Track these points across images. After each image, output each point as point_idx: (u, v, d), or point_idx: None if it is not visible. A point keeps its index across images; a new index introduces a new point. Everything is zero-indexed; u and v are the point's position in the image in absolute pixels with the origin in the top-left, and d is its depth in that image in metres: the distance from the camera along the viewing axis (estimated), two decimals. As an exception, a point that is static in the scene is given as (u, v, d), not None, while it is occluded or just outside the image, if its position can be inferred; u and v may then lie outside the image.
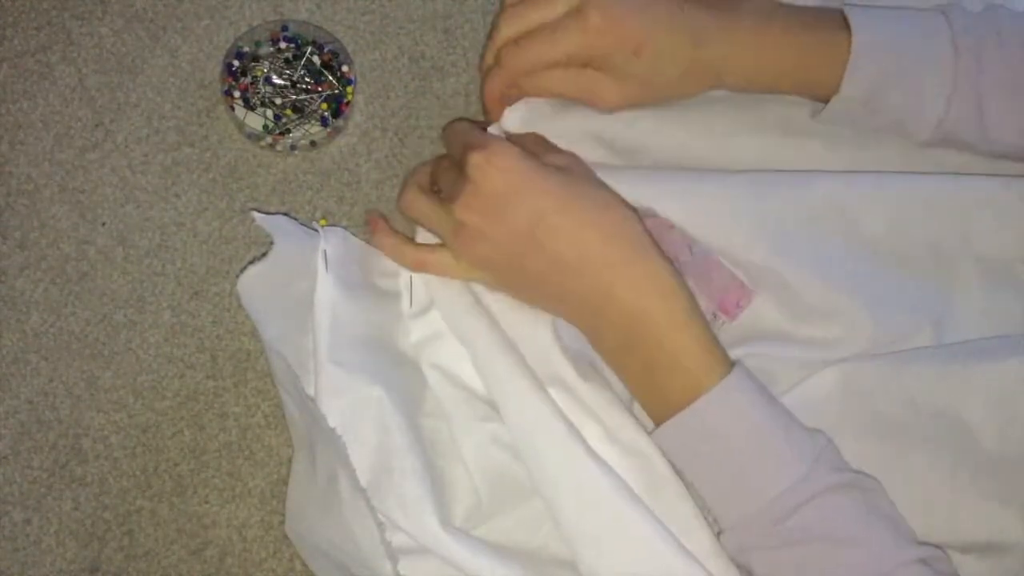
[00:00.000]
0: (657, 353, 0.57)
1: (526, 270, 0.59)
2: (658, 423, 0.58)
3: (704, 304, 0.61)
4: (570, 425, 0.59)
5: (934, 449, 0.59)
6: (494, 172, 0.58)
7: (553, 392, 0.60)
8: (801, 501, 0.54)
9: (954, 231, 0.63)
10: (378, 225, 0.66)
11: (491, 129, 0.67)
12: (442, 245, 0.63)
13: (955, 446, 0.59)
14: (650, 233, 0.60)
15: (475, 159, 0.58)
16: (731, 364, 0.58)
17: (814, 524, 0.54)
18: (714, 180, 0.64)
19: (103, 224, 0.72)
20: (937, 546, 0.56)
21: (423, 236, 0.66)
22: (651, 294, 0.58)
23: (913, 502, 0.57)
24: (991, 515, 0.58)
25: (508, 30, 0.65)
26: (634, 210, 0.60)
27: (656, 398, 0.59)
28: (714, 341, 0.58)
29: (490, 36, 0.67)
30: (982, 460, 0.58)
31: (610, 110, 0.66)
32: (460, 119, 0.69)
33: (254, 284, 0.63)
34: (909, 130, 0.64)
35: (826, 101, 0.64)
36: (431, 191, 0.64)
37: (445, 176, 0.63)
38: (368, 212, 0.72)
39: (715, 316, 0.63)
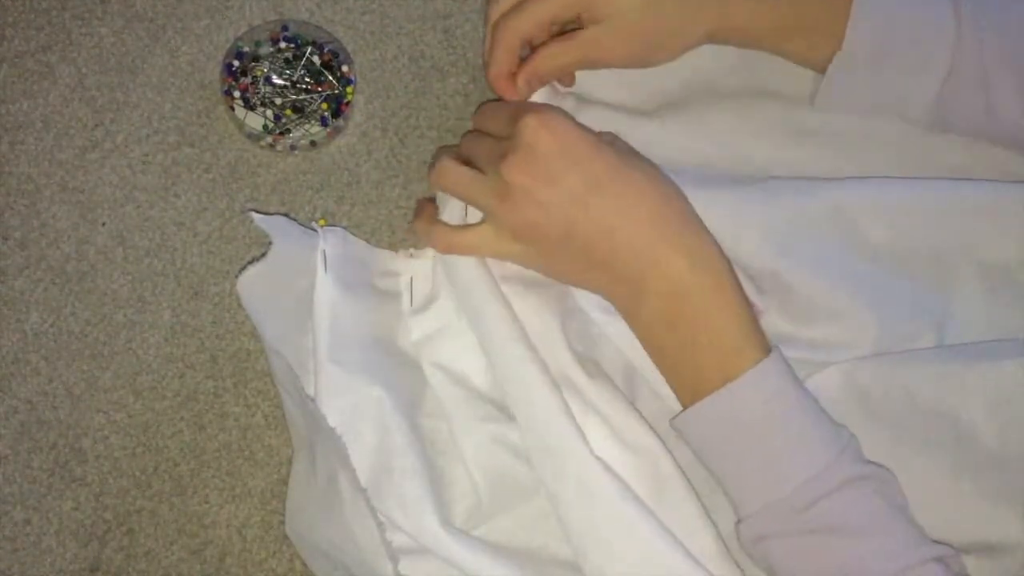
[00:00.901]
0: (699, 329, 0.57)
1: (573, 236, 0.58)
2: (688, 403, 0.58)
3: None
4: (576, 423, 0.59)
5: (935, 449, 0.59)
6: (548, 135, 0.58)
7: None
8: (828, 489, 0.54)
9: (955, 236, 0.63)
10: (423, 206, 0.66)
11: None
12: (470, 225, 0.63)
13: (956, 446, 0.59)
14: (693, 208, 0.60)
15: (529, 121, 0.58)
16: (768, 347, 0.57)
17: (836, 514, 0.54)
18: (719, 186, 0.64)
19: (103, 224, 0.72)
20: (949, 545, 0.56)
21: (448, 216, 0.65)
22: (700, 267, 0.57)
23: (914, 502, 0.57)
24: (992, 515, 0.58)
25: (497, 10, 0.65)
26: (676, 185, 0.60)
27: (690, 376, 0.58)
28: (754, 322, 0.58)
29: (485, 24, 0.67)
30: (983, 460, 0.58)
31: (617, 67, 0.65)
32: (491, 101, 0.69)
33: (254, 284, 0.64)
34: (912, 99, 0.64)
35: (824, 69, 0.64)
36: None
37: (480, 146, 0.62)
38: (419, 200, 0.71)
39: None
